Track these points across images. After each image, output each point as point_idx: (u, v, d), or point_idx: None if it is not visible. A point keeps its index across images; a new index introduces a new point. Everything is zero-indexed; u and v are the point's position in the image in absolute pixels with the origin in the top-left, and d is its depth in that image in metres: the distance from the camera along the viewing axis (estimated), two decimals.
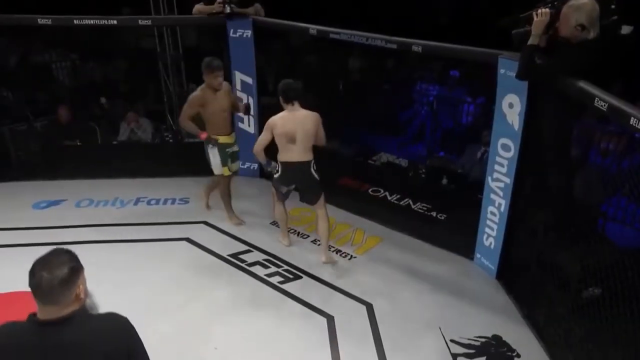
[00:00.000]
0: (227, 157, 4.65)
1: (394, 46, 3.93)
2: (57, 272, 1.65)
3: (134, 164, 5.91)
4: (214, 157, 4.61)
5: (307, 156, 4.11)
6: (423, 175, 5.91)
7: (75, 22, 4.69)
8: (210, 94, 4.44)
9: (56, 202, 5.25)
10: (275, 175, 4.20)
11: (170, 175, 5.85)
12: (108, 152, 6.36)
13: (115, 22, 4.91)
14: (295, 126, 3.99)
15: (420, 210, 5.17)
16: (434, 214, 5.10)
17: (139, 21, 4.84)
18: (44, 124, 6.77)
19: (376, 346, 3.49)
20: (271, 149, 4.18)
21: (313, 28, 4.47)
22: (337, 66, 7.20)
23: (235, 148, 4.78)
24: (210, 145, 4.55)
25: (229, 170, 4.71)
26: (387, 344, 3.50)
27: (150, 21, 5.06)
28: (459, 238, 4.55)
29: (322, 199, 4.26)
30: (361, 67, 7.59)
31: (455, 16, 8.43)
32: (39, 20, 4.73)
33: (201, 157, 4.96)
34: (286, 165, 4.11)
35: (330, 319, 3.72)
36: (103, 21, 4.78)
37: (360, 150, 6.59)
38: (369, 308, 3.85)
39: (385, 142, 6.86)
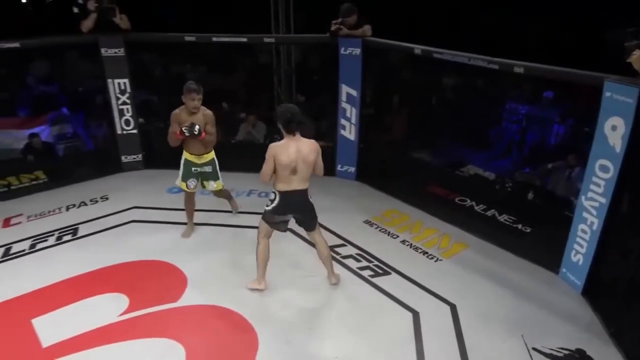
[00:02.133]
0: (190, 175, 4.44)
1: (496, 67, 3.75)
2: None
3: (248, 160, 6.15)
4: (180, 169, 4.46)
5: (305, 184, 3.64)
6: (509, 189, 5.60)
7: (214, 39, 4.99)
8: (186, 114, 4.21)
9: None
10: (269, 207, 3.71)
11: None
12: (227, 149, 6.67)
13: (245, 39, 5.14)
14: (297, 158, 3.48)
15: (505, 222, 4.89)
16: (519, 226, 4.81)
17: (264, 39, 5.04)
18: None
19: (459, 345, 3.37)
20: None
21: (418, 48, 4.40)
22: (432, 82, 7.06)
23: (206, 169, 4.50)
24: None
25: (187, 187, 4.47)
26: (469, 344, 3.36)
27: (274, 39, 5.23)
28: (545, 251, 4.27)
29: (317, 225, 3.91)
30: (454, 83, 7.39)
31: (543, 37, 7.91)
32: (185, 37, 5.10)
33: None
34: (285, 194, 3.62)
35: (415, 315, 3.65)
36: (235, 39, 5.03)
37: (449, 161, 6.39)
38: (453, 308, 3.72)
39: (472, 156, 6.61)
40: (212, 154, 4.54)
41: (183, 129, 4.14)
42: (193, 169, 4.44)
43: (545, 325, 3.54)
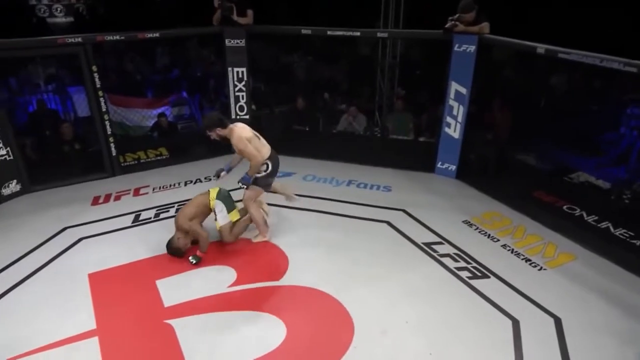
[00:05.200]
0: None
1: (634, 70, 3.36)
2: None
3: (347, 151, 6.21)
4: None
5: None
6: (627, 201, 5.04)
7: (329, 32, 5.02)
8: None
9: (288, 174, 5.79)
10: (265, 173, 4.16)
11: (376, 165, 6.00)
12: (328, 139, 6.76)
13: (358, 33, 5.11)
14: (250, 129, 4.14)
15: (621, 236, 4.42)
16: (638, 242, 4.32)
17: (378, 34, 4.96)
18: (282, 111, 7.50)
19: None
20: None
21: (541, 47, 4.06)
22: (543, 81, 6.54)
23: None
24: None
25: None
26: None
27: (387, 34, 5.14)
28: None
29: None
30: (567, 83, 6.77)
31: None
32: (302, 30, 5.19)
33: (403, 152, 4.91)
34: (272, 156, 4.19)
35: (515, 323, 3.45)
36: (349, 33, 5.02)
37: (556, 166, 5.90)
38: (557, 321, 3.46)
39: (581, 161, 6.03)
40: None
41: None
42: None
43: None
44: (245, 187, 4.18)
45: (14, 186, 5.19)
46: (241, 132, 4.04)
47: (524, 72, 6.55)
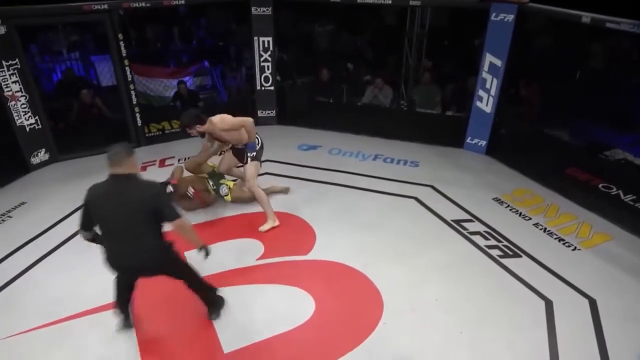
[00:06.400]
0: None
1: None
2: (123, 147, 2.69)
3: (374, 124, 6.07)
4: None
5: None
6: None
7: (359, 0, 4.82)
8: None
9: (314, 147, 5.71)
10: (259, 147, 4.14)
11: (403, 139, 5.88)
12: (353, 111, 6.60)
13: (390, 1, 4.90)
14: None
15: None
16: None
17: (410, 2, 4.75)
18: (304, 82, 7.33)
19: (598, 343, 3.07)
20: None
21: (587, 16, 3.82)
22: (580, 52, 6.22)
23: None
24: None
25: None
26: (611, 344, 3.05)
27: (419, 2, 4.92)
28: None
29: None
30: (605, 56, 6.44)
31: None
32: None
33: (430, 126, 4.73)
34: (258, 135, 4.14)
35: (548, 303, 3.39)
36: (380, 1, 4.82)
37: (591, 143, 5.68)
38: (592, 303, 3.39)
39: (615, 138, 5.79)
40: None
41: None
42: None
43: None
44: (251, 155, 4.09)
45: (42, 155, 5.24)
46: (221, 116, 3.98)
47: (565, 44, 6.23)
